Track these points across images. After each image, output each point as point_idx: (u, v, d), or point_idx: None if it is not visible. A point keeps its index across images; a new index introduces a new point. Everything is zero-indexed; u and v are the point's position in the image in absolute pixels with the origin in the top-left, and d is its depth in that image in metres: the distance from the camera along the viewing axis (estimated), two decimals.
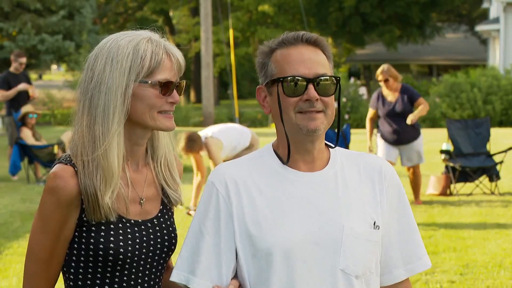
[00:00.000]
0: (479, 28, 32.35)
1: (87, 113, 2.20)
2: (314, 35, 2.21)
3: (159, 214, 2.31)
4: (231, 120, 22.94)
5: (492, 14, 32.66)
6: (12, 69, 12.88)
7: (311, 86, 2.16)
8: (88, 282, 2.22)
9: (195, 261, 2.17)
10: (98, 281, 2.22)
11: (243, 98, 35.76)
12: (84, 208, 2.18)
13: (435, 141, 16.05)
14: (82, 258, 2.21)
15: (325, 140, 2.27)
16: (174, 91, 2.23)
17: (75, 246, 2.22)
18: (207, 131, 9.49)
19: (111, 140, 2.17)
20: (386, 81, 9.64)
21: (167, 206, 2.35)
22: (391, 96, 9.71)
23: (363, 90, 28.68)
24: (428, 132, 20.21)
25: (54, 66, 39.00)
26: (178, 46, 2.30)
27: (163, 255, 2.29)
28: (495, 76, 24.41)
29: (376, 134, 10.11)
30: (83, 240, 2.20)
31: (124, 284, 2.23)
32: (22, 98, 12.85)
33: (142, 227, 2.25)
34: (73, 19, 28.03)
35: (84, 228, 2.20)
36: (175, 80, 2.23)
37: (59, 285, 2.30)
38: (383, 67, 9.78)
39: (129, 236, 2.21)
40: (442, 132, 15.22)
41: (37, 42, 26.76)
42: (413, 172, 10.01)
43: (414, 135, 9.80)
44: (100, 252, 2.18)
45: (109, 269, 2.21)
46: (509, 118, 24.10)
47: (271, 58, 2.22)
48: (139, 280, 2.25)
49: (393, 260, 2.28)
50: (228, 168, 2.23)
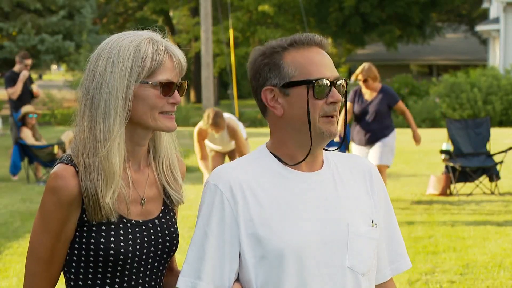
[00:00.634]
0: (479, 28, 32.34)
1: (88, 114, 2.19)
2: (323, 38, 2.20)
3: (161, 215, 2.31)
4: None
5: (492, 14, 32.65)
6: (16, 69, 12.84)
7: (334, 89, 2.15)
8: (89, 282, 2.22)
9: (201, 265, 2.14)
10: (98, 281, 2.22)
11: (243, 98, 35.75)
12: (85, 208, 2.18)
13: (435, 141, 16.05)
14: (82, 258, 2.21)
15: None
16: (176, 91, 2.22)
17: (76, 246, 2.21)
18: (225, 114, 8.87)
19: (113, 141, 2.16)
20: (365, 81, 9.31)
21: (169, 206, 2.34)
22: (368, 94, 9.39)
23: None
24: (428, 132, 20.19)
25: (54, 66, 38.99)
26: (178, 46, 2.29)
27: (164, 255, 2.29)
28: (495, 76, 24.42)
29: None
30: (84, 240, 2.20)
31: (125, 284, 2.23)
32: (26, 97, 12.84)
33: (143, 227, 2.25)
34: (73, 19, 28.04)
35: (85, 228, 2.20)
36: (176, 81, 2.22)
37: (59, 285, 2.30)
38: (364, 66, 9.44)
39: (130, 236, 2.21)
40: (442, 132, 15.20)
41: (37, 42, 26.78)
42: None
43: (383, 134, 9.35)
44: (101, 253, 2.18)
45: (109, 269, 2.20)
46: (509, 118, 24.11)
47: (283, 59, 2.16)
48: (140, 281, 2.25)
49: (381, 259, 2.31)
50: (230, 170, 2.19)
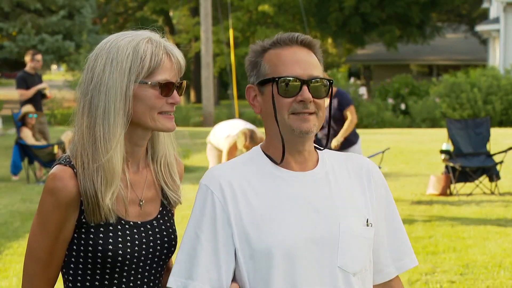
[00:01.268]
0: (479, 28, 32.33)
1: (87, 114, 2.19)
2: (308, 37, 2.21)
3: (159, 216, 2.30)
4: None
5: (492, 14, 32.65)
6: (28, 68, 12.73)
7: (305, 88, 2.15)
8: (87, 283, 2.22)
9: (192, 265, 2.14)
10: (97, 283, 2.21)
11: (243, 98, 35.67)
12: (84, 209, 2.17)
13: (435, 141, 16.05)
14: (81, 260, 2.21)
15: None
16: (175, 91, 2.21)
17: (74, 247, 2.21)
18: (231, 130, 8.47)
19: (113, 142, 2.16)
20: None
21: (166, 207, 2.33)
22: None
23: (363, 90, 28.75)
24: (428, 132, 20.20)
25: (54, 66, 38.95)
26: (178, 46, 2.28)
27: (163, 256, 2.28)
28: (495, 76, 24.41)
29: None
30: (82, 242, 2.19)
31: (123, 286, 2.22)
32: (38, 98, 12.81)
33: (142, 228, 2.24)
34: (73, 19, 28.02)
35: (83, 230, 2.19)
36: (175, 81, 2.21)
37: (58, 285, 2.29)
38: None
39: (128, 237, 2.21)
40: (442, 132, 15.21)
41: (37, 42, 26.76)
42: None
43: (345, 145, 8.64)
44: (99, 254, 2.17)
45: (108, 270, 2.20)
46: (509, 118, 24.10)
47: (263, 58, 2.20)
48: (139, 282, 2.24)
49: (383, 258, 2.30)
50: (221, 171, 2.21)
